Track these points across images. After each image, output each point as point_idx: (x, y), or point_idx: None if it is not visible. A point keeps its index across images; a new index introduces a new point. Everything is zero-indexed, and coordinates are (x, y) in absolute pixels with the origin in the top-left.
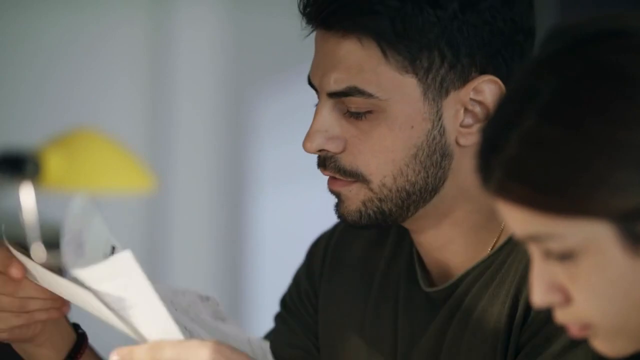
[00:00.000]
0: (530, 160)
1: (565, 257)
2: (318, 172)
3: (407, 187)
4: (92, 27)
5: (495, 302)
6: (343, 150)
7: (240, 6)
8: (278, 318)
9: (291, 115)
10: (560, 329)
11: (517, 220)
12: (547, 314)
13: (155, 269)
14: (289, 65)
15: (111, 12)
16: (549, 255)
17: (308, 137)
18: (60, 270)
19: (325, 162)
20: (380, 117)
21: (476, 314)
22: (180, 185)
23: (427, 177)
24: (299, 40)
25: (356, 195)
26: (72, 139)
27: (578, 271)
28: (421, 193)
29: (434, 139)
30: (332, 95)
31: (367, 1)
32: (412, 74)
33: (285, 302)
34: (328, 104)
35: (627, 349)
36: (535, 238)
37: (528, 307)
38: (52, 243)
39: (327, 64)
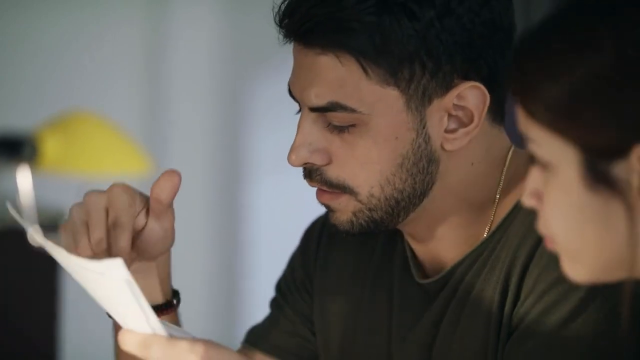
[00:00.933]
0: (545, 78)
1: (545, 166)
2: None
3: (396, 195)
4: (88, 10)
5: (487, 287)
6: (328, 163)
7: None
8: (274, 303)
9: (286, 103)
10: (558, 301)
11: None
12: (543, 288)
13: None
14: (284, 53)
15: None
16: (537, 159)
17: (292, 150)
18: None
19: (311, 174)
20: (364, 130)
21: (469, 301)
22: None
23: (415, 183)
24: None
25: (345, 207)
26: (69, 122)
27: (549, 186)
28: (410, 199)
29: (419, 147)
30: (314, 109)
31: (343, 18)
32: (394, 86)
33: (280, 287)
34: (310, 117)
35: (586, 276)
36: (528, 140)
37: (519, 287)
38: (49, 226)
39: (307, 78)
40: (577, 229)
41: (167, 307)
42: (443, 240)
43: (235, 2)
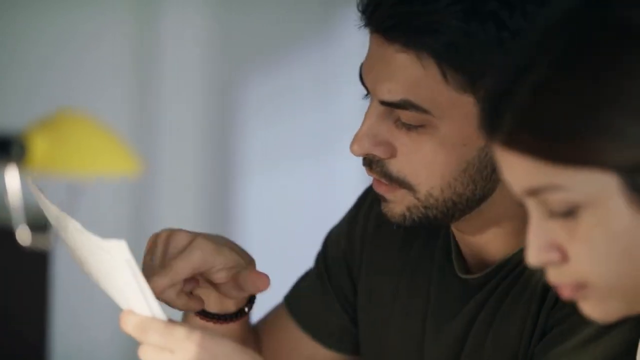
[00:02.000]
0: (541, 109)
1: (567, 212)
2: (303, 155)
3: (454, 198)
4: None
5: (527, 288)
6: (391, 157)
7: None
8: (317, 265)
9: (277, 98)
10: (585, 320)
11: (522, 173)
12: (573, 305)
13: (141, 253)
14: (275, 47)
15: None
16: (549, 212)
17: (356, 140)
18: (46, 254)
19: (371, 164)
20: (433, 132)
21: (507, 300)
22: (166, 169)
23: (476, 189)
24: (286, 22)
25: (401, 200)
26: (58, 121)
27: (578, 227)
28: (468, 202)
29: (486, 155)
30: (385, 104)
31: (429, 19)
32: (470, 94)
33: (327, 246)
34: (379, 109)
35: (618, 312)
36: (538, 191)
37: (557, 295)
38: (38, 226)
39: (382, 71)
40: (616, 263)
41: (237, 315)
42: (492, 241)
43: None
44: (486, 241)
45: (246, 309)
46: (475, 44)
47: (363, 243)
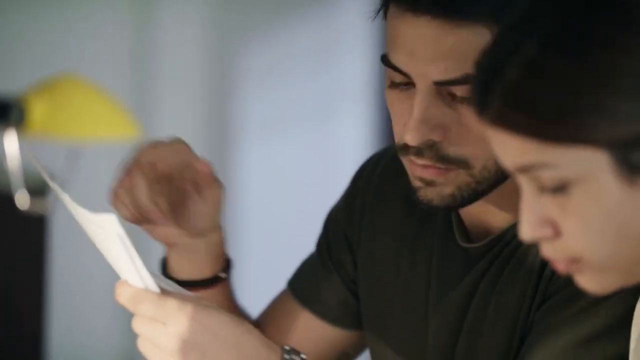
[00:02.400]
0: (530, 88)
1: (558, 188)
2: (303, 123)
3: (502, 169)
4: None
5: (528, 256)
6: (444, 138)
7: None
8: (319, 248)
9: (278, 65)
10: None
11: (512, 150)
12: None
13: None
14: (275, 14)
15: None
16: (541, 188)
17: (413, 129)
18: (44, 218)
19: (423, 151)
20: None
21: (508, 269)
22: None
23: None
24: None
25: (453, 180)
26: (57, 86)
27: (570, 202)
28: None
29: None
30: (441, 83)
31: None
32: None
33: (328, 228)
34: (430, 91)
35: (613, 285)
36: (529, 168)
37: None
38: (36, 190)
39: (434, 52)
40: (609, 238)
41: (213, 281)
42: (494, 210)
43: None
44: (488, 210)
45: (222, 275)
46: None
47: (362, 214)
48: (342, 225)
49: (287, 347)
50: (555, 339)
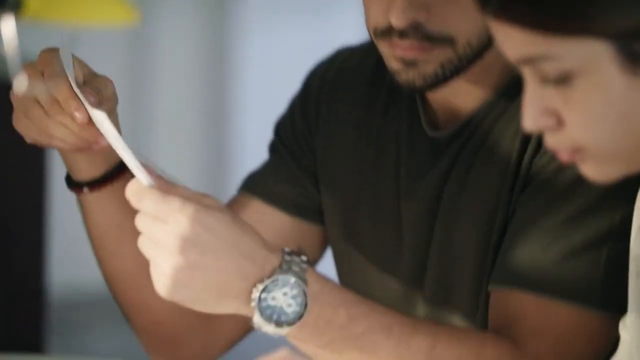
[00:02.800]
0: None
1: (561, 79)
2: (301, 62)
3: (481, 45)
4: None
5: (505, 136)
6: (429, 17)
7: None
8: (273, 148)
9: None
10: (568, 166)
11: (515, 42)
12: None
13: (137, 124)
14: None
15: None
16: (544, 79)
17: (399, 10)
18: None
19: (408, 33)
20: None
21: (483, 151)
22: (165, 71)
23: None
24: None
25: (436, 58)
26: None
27: (573, 93)
28: (483, 48)
29: None
30: None
31: None
32: None
33: (279, 132)
34: None
35: (616, 173)
36: (532, 60)
37: (540, 142)
38: None
39: None
40: (611, 128)
41: (107, 178)
42: (458, 93)
43: None
44: (458, 92)
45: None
46: None
47: (318, 104)
48: (298, 128)
49: (287, 249)
50: (543, 219)
